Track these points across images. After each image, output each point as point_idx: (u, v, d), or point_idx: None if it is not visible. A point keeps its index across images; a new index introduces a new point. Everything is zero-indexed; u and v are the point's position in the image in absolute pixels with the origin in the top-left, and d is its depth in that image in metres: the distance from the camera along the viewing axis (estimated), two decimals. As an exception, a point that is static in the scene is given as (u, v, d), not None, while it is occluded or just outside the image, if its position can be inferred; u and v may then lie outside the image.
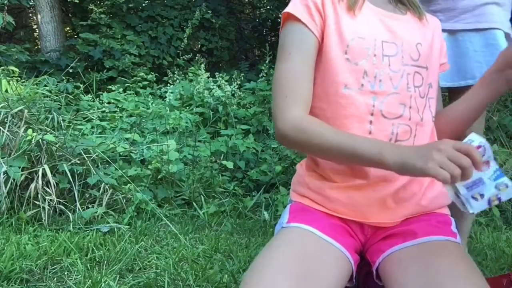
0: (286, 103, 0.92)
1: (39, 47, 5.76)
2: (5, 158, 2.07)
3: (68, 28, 6.58)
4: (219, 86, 3.67)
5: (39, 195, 2.04)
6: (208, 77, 3.91)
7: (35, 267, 1.51)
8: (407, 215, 0.96)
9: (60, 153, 2.22)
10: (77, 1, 6.57)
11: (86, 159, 2.23)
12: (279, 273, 0.80)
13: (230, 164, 2.71)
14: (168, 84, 4.38)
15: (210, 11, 6.08)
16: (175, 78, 4.44)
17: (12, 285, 1.41)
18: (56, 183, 2.10)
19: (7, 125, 2.23)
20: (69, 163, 2.19)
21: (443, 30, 1.17)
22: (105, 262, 1.62)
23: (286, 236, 0.90)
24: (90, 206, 2.13)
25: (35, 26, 6.92)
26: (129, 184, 2.35)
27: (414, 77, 0.97)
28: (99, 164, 2.34)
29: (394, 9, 1.02)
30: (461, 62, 1.41)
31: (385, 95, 0.94)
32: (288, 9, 0.96)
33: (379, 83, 0.93)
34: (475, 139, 0.77)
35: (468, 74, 1.40)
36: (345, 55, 0.93)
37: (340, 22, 0.94)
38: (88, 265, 1.58)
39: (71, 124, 2.80)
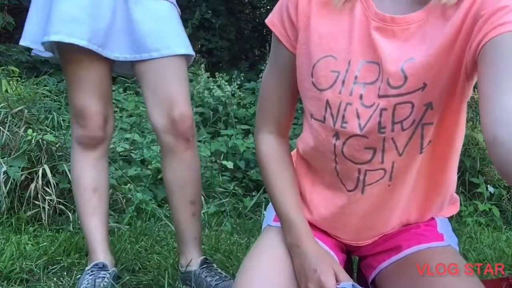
0: (258, 120, 0.90)
1: (39, 47, 5.74)
2: (5, 158, 2.07)
3: (68, 28, 6.57)
4: (219, 86, 3.67)
5: (39, 195, 2.04)
6: (208, 77, 3.90)
7: (35, 267, 1.51)
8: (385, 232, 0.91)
9: (60, 153, 2.22)
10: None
11: (86, 159, 2.22)
12: (268, 276, 0.80)
13: (230, 164, 2.71)
14: (168, 84, 4.36)
15: (210, 11, 6.08)
16: (175, 78, 4.43)
17: (12, 285, 1.41)
18: (56, 183, 2.10)
19: (7, 125, 2.23)
20: (69, 163, 2.19)
21: None
22: (105, 262, 1.61)
23: (272, 237, 0.90)
24: (90, 206, 2.12)
25: (35, 26, 6.90)
26: (129, 184, 2.35)
27: (395, 111, 0.73)
28: (99, 164, 2.34)
29: (412, 5, 0.74)
30: None
31: (347, 135, 0.77)
32: (267, 18, 0.86)
33: (341, 120, 0.76)
34: None
35: None
36: (311, 78, 0.78)
37: (310, 37, 0.78)
38: (88, 265, 1.58)
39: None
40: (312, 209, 0.90)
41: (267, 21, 0.86)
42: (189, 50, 1.32)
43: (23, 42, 1.32)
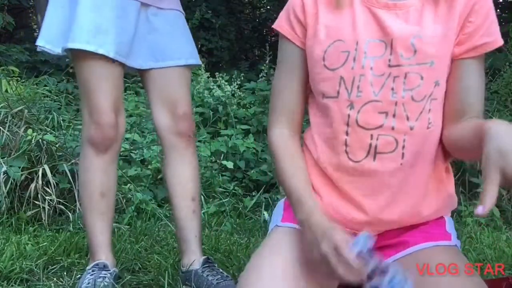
0: (271, 117, 0.98)
1: (39, 47, 5.75)
2: (5, 158, 2.07)
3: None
4: (219, 86, 3.66)
5: (39, 195, 2.04)
6: (208, 77, 3.90)
7: (35, 267, 1.51)
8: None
9: (60, 153, 2.23)
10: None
11: (86, 159, 2.22)
12: (275, 276, 0.80)
13: (230, 164, 2.71)
14: (168, 84, 4.37)
15: (210, 11, 6.09)
16: (175, 78, 4.43)
17: (12, 285, 1.41)
18: (56, 183, 2.10)
19: (7, 125, 2.23)
20: (69, 163, 2.19)
21: None
22: (105, 262, 1.61)
23: (281, 237, 0.90)
24: (90, 206, 2.12)
25: (35, 26, 6.93)
26: (129, 184, 2.35)
27: (406, 79, 0.83)
28: (99, 164, 2.34)
29: None
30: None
31: (362, 103, 0.85)
32: (274, 24, 0.96)
33: (356, 90, 0.85)
34: (360, 242, 0.75)
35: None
36: (323, 61, 0.88)
37: (319, 28, 0.89)
38: (88, 265, 1.58)
39: (71, 124, 2.80)
40: (322, 194, 0.92)
41: (275, 26, 0.95)
42: (195, 60, 1.45)
43: (40, 42, 1.34)
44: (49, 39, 1.33)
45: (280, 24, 0.94)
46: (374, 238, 0.78)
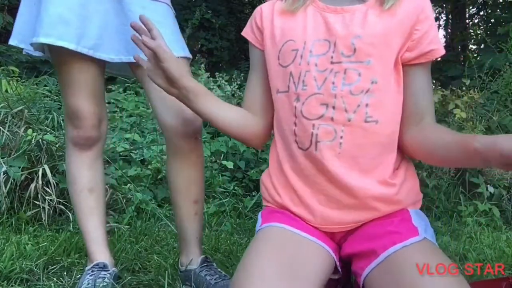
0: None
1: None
2: (5, 158, 2.07)
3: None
4: (219, 86, 3.67)
5: (39, 195, 2.04)
6: (208, 77, 3.91)
7: (35, 267, 1.51)
8: (358, 220, 0.96)
9: (60, 153, 2.22)
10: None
11: (86, 159, 2.22)
12: (264, 276, 0.82)
13: (230, 164, 2.71)
14: (168, 84, 4.36)
15: (210, 11, 6.09)
16: (175, 78, 4.43)
17: (12, 285, 1.41)
18: (56, 183, 2.10)
19: (7, 125, 2.23)
20: (69, 163, 2.19)
21: None
22: (105, 262, 1.61)
23: (266, 235, 0.96)
24: (90, 206, 2.12)
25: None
26: (129, 184, 2.35)
27: (346, 74, 0.92)
28: (99, 164, 2.34)
29: (353, 0, 0.97)
30: None
31: (307, 96, 0.95)
32: (242, 31, 1.09)
33: (302, 85, 0.95)
34: None
35: None
36: (278, 60, 0.99)
37: (274, 31, 1.01)
38: (88, 265, 1.58)
39: (71, 124, 2.80)
40: (280, 193, 1.01)
41: (243, 33, 1.09)
42: (185, 53, 1.32)
43: (12, 41, 1.31)
44: (22, 38, 1.29)
45: (246, 31, 1.08)
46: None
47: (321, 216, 0.96)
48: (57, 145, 2.24)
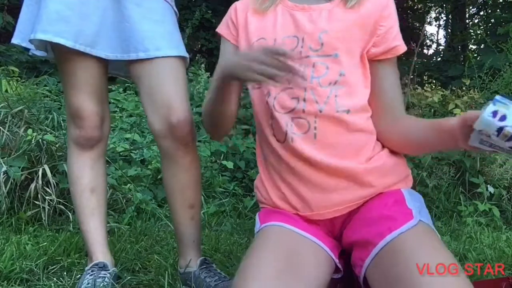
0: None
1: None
2: (5, 158, 2.07)
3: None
4: (219, 86, 3.66)
5: (39, 195, 2.04)
6: (208, 77, 3.91)
7: (35, 267, 1.51)
8: (352, 200, 0.98)
9: (60, 153, 2.22)
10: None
11: (86, 159, 2.22)
12: (265, 275, 0.83)
13: (230, 164, 2.71)
14: (168, 84, 4.36)
15: (210, 11, 6.09)
16: (175, 78, 4.43)
17: (12, 285, 1.41)
18: (56, 183, 2.10)
19: (7, 125, 2.23)
20: (69, 163, 2.19)
21: None
22: (105, 262, 1.61)
23: (265, 235, 0.96)
24: (90, 206, 2.12)
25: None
26: (129, 184, 2.35)
27: (314, 68, 0.97)
28: (99, 164, 2.34)
29: (319, 0, 1.03)
30: None
31: (278, 91, 0.99)
32: (217, 28, 1.14)
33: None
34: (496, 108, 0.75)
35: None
36: None
37: (248, 28, 1.06)
38: (88, 265, 1.58)
39: (71, 124, 2.80)
40: (267, 186, 1.05)
41: (217, 30, 1.14)
42: (181, 52, 1.28)
43: (15, 40, 1.30)
44: (23, 37, 1.29)
45: (221, 27, 1.13)
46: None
47: (315, 203, 0.97)
48: (57, 145, 2.24)
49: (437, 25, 15.08)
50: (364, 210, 0.98)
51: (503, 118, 0.74)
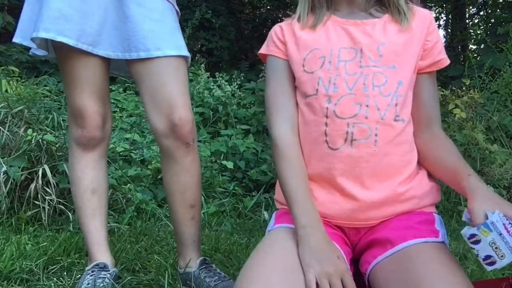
0: (272, 120, 1.06)
1: (39, 47, 5.73)
2: (5, 158, 2.07)
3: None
4: (219, 86, 3.67)
5: (39, 195, 2.04)
6: (208, 77, 3.90)
7: (35, 267, 1.51)
8: (386, 216, 0.98)
9: (60, 153, 2.23)
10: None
11: (86, 159, 2.22)
12: (276, 270, 0.83)
13: (230, 164, 2.72)
14: (168, 84, 4.36)
15: (210, 11, 6.08)
16: (175, 78, 4.43)
17: (12, 285, 1.41)
18: (56, 183, 2.10)
19: (7, 125, 2.23)
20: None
21: None
22: (105, 262, 1.61)
23: (274, 237, 0.97)
24: (90, 206, 2.12)
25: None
26: (129, 184, 2.35)
27: (374, 77, 0.98)
28: (99, 164, 2.34)
29: (366, 16, 1.05)
30: None
31: (339, 96, 0.98)
32: (260, 51, 1.12)
33: (333, 87, 0.98)
34: (494, 220, 0.79)
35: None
36: (303, 67, 1.03)
37: (299, 41, 1.05)
38: (88, 265, 1.58)
39: (71, 124, 2.80)
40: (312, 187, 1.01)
41: (262, 51, 1.11)
42: (182, 52, 1.28)
43: (16, 39, 1.30)
44: (24, 36, 1.29)
45: (265, 49, 1.10)
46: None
47: (350, 214, 0.97)
48: (57, 145, 2.24)
49: (437, 25, 15.10)
50: (391, 220, 0.98)
51: (476, 242, 0.81)
